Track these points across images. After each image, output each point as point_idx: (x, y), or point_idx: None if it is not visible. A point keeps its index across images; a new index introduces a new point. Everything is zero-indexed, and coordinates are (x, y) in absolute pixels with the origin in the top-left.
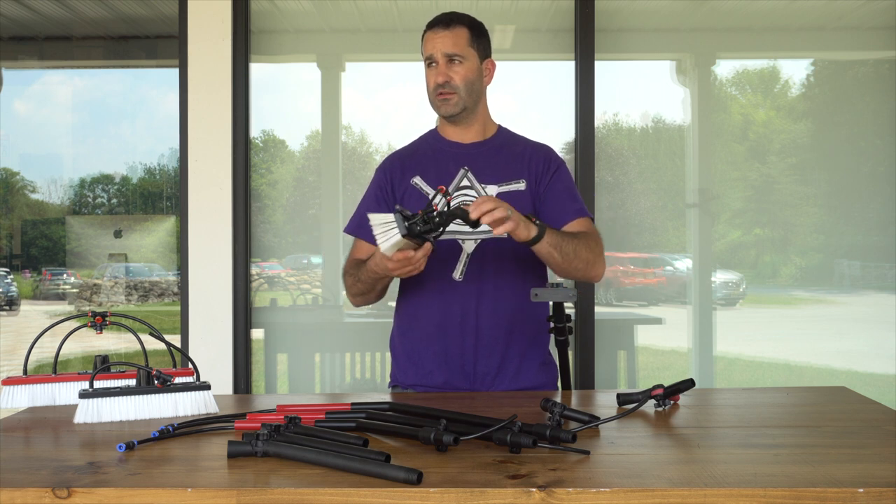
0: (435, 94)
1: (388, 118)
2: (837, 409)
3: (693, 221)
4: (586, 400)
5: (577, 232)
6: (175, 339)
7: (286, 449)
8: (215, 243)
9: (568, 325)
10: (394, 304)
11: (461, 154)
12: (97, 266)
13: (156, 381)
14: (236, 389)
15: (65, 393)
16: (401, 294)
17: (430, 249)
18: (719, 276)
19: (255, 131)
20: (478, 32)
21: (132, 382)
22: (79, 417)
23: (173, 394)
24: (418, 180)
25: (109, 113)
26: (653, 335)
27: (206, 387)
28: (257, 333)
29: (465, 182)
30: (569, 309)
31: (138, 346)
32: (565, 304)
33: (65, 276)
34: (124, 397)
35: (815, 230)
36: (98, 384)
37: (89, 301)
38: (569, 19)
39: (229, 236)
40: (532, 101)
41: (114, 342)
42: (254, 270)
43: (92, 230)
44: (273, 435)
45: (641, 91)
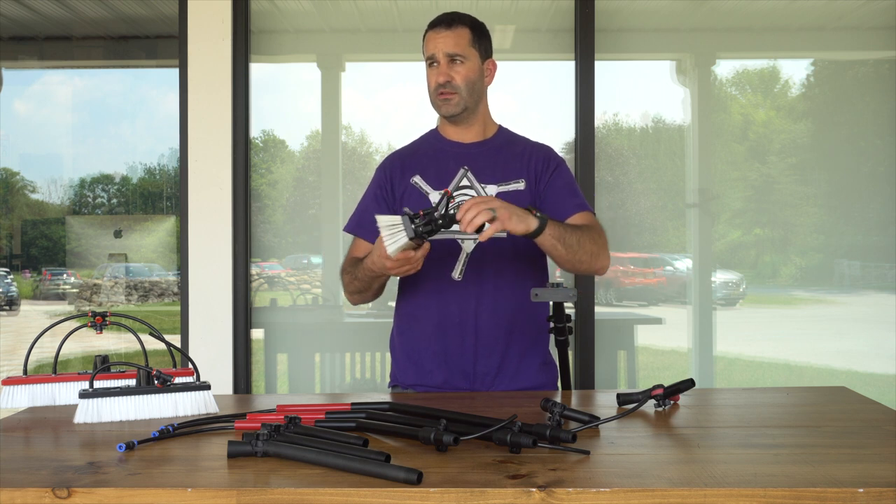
0: (436, 93)
1: (388, 118)
2: (837, 409)
3: (693, 221)
4: (586, 400)
5: (581, 225)
6: (175, 339)
7: (286, 449)
8: (215, 243)
9: (568, 325)
10: (394, 304)
11: (461, 154)
12: (97, 266)
13: (156, 381)
14: (236, 389)
15: (65, 393)
16: (400, 294)
17: (428, 249)
18: (719, 276)
19: (255, 131)
20: (479, 33)
21: (132, 382)
22: (79, 417)
23: (173, 394)
24: (418, 179)
25: (109, 113)
26: (653, 335)
27: (206, 387)
28: (257, 333)
29: (465, 182)
30: (569, 309)
31: (138, 346)
32: (565, 304)
33: (65, 276)
34: (124, 397)
35: (815, 230)
36: (98, 384)
37: (89, 301)
38: (569, 19)
39: (229, 236)
40: (532, 101)
41: (114, 342)
42: (254, 270)
43: (92, 230)
44: (273, 435)
45: (641, 91)
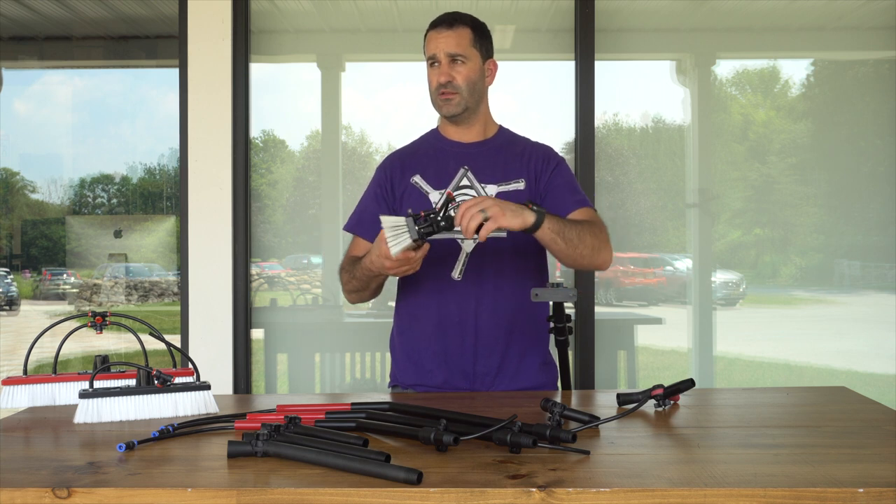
0: (437, 93)
1: (388, 118)
2: (837, 409)
3: (693, 221)
4: (586, 400)
5: (581, 220)
6: (175, 339)
7: (286, 449)
8: (215, 243)
9: (568, 325)
10: (394, 304)
11: (461, 153)
12: (97, 266)
13: (156, 381)
14: (236, 389)
15: (65, 393)
16: (400, 294)
17: (427, 249)
18: (719, 276)
19: (255, 131)
20: (480, 33)
21: (132, 382)
22: (79, 417)
23: (173, 394)
24: (418, 179)
25: (109, 113)
26: (653, 335)
27: (206, 387)
28: (257, 333)
29: (465, 181)
30: (569, 309)
31: (138, 346)
32: (565, 304)
33: (65, 276)
34: (124, 397)
35: (815, 230)
36: (98, 384)
37: (89, 301)
38: (569, 19)
39: (229, 236)
40: (532, 101)
41: (114, 342)
42: (254, 270)
43: (92, 230)
44: (273, 435)
45: (641, 91)
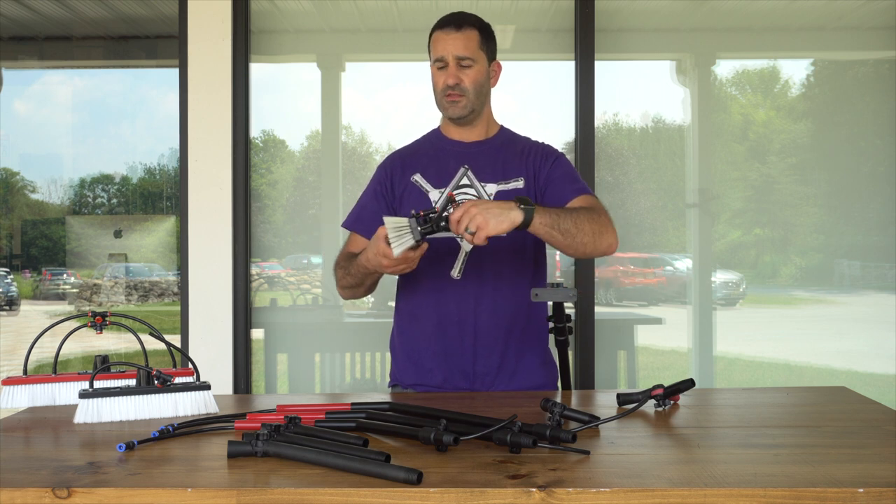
0: (443, 95)
1: (388, 118)
2: (837, 409)
3: (693, 221)
4: (586, 400)
5: (579, 207)
6: (175, 339)
7: (286, 449)
8: (215, 243)
9: (568, 325)
10: (394, 304)
11: (462, 153)
12: (97, 266)
13: (156, 381)
14: (236, 389)
15: (65, 393)
16: (400, 293)
17: (426, 249)
18: (719, 276)
19: (255, 131)
20: (487, 34)
21: (132, 382)
22: (79, 417)
23: (173, 394)
24: (418, 178)
25: (109, 113)
26: (653, 335)
27: (206, 387)
28: (257, 333)
29: (465, 181)
30: (569, 309)
31: (138, 346)
32: (565, 304)
33: (65, 276)
34: (124, 397)
35: (815, 230)
36: (98, 384)
37: (89, 301)
38: (569, 19)
39: (229, 236)
40: (532, 101)
41: (114, 342)
42: (254, 270)
43: (92, 230)
44: (273, 435)
45: (641, 91)
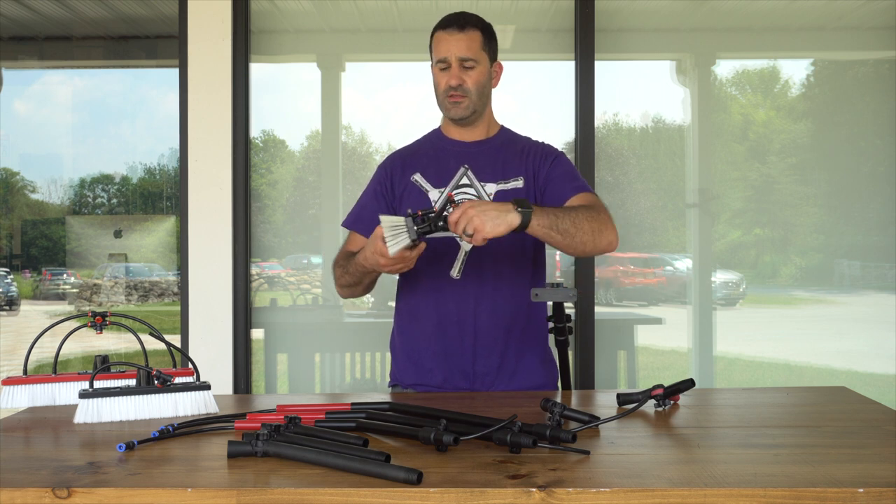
0: (445, 95)
1: (388, 118)
2: (837, 409)
3: (693, 221)
4: (586, 400)
5: (578, 205)
6: (175, 339)
7: (286, 449)
8: (215, 243)
9: (568, 325)
10: (394, 304)
11: (462, 152)
12: (97, 266)
13: (156, 381)
14: (236, 389)
15: (65, 393)
16: (400, 292)
17: (423, 248)
18: (719, 276)
19: (255, 131)
20: (489, 35)
21: (132, 382)
22: (79, 417)
23: (173, 394)
24: (418, 177)
25: (109, 113)
26: (653, 335)
27: (206, 387)
28: (257, 333)
29: (465, 180)
30: (569, 309)
31: (138, 346)
32: (565, 304)
33: (65, 276)
34: (124, 397)
35: (815, 230)
36: (98, 384)
37: (89, 301)
38: (569, 19)
39: (229, 236)
40: (532, 101)
41: (114, 342)
42: (254, 270)
43: (92, 230)
44: (273, 435)
45: (641, 91)
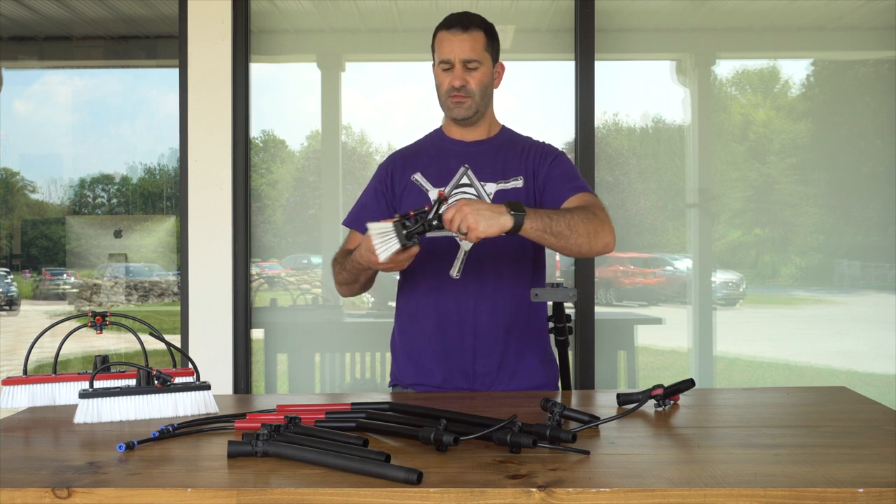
0: (448, 95)
1: (388, 118)
2: (837, 409)
3: (693, 221)
4: (586, 400)
5: (574, 207)
6: (175, 339)
7: (286, 449)
8: (215, 243)
9: (568, 325)
10: (394, 304)
11: (462, 152)
12: (97, 266)
13: (156, 381)
14: (236, 389)
15: (65, 393)
16: (400, 292)
17: (416, 251)
18: (719, 276)
19: (255, 131)
20: (491, 36)
21: (132, 382)
22: (79, 417)
23: (173, 394)
24: (419, 177)
25: (109, 113)
26: (653, 335)
27: (206, 387)
28: (257, 333)
29: (465, 180)
30: (569, 309)
31: (138, 346)
32: (565, 304)
33: (65, 276)
34: (124, 397)
35: (815, 230)
36: (98, 384)
37: (89, 301)
38: (569, 19)
39: (229, 236)
40: (532, 101)
41: (114, 342)
42: (254, 270)
43: (92, 230)
44: (273, 435)
45: (641, 91)
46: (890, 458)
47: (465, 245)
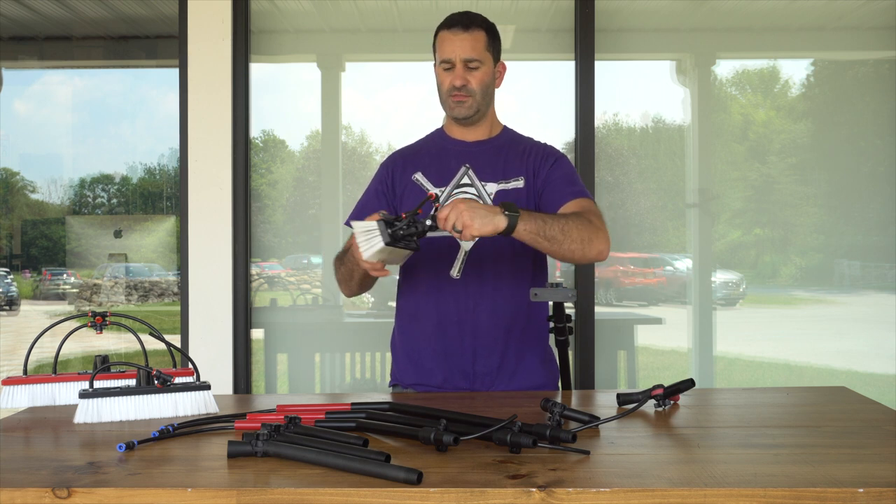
0: (449, 95)
1: (388, 118)
2: (837, 409)
3: (693, 221)
4: (586, 400)
5: (570, 213)
6: (175, 339)
7: (286, 449)
8: (215, 243)
9: (568, 325)
10: (394, 304)
11: (463, 152)
12: (97, 266)
13: (156, 381)
14: (236, 389)
15: (65, 393)
16: (400, 292)
17: (408, 255)
18: (719, 276)
19: (255, 131)
20: (493, 35)
21: (132, 382)
22: (79, 417)
23: (173, 394)
24: (419, 176)
25: (109, 113)
26: (653, 335)
27: (206, 387)
28: (257, 333)
29: (466, 180)
30: (569, 309)
31: (138, 346)
32: (565, 304)
33: (65, 276)
34: (124, 397)
35: (815, 230)
36: (98, 384)
37: (89, 301)
38: (569, 19)
39: (229, 236)
40: (532, 101)
41: (114, 342)
42: (254, 270)
43: (92, 230)
44: (273, 435)
45: (641, 91)
46: (890, 458)
47: (466, 245)
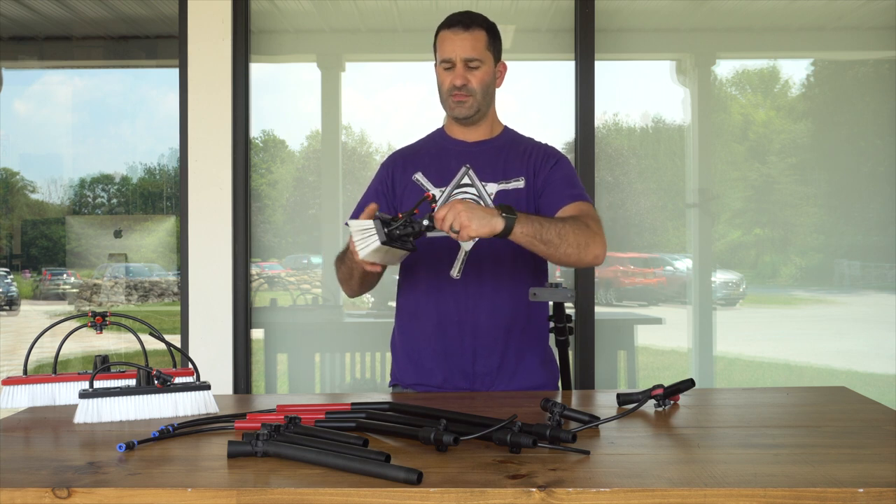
0: (449, 95)
1: (388, 118)
2: (837, 409)
3: (693, 221)
4: (586, 400)
5: (567, 216)
6: (175, 339)
7: (286, 449)
8: (215, 243)
9: (568, 325)
10: (394, 304)
11: (464, 152)
12: (97, 266)
13: (156, 381)
14: (236, 389)
15: (65, 393)
16: (400, 291)
17: (404, 255)
18: (719, 276)
19: (255, 131)
20: (494, 35)
21: (132, 382)
22: (79, 417)
23: (173, 394)
24: (419, 176)
25: (109, 113)
26: (653, 335)
27: (206, 387)
28: (257, 333)
29: (466, 180)
30: (569, 309)
31: (138, 346)
32: (565, 304)
33: (65, 276)
34: (124, 397)
35: (815, 230)
36: (98, 384)
37: (89, 301)
38: (569, 19)
39: (229, 236)
40: (532, 101)
41: (114, 342)
42: (254, 270)
43: (92, 230)
44: (273, 435)
45: (641, 91)
46: (890, 458)
47: (466, 245)
